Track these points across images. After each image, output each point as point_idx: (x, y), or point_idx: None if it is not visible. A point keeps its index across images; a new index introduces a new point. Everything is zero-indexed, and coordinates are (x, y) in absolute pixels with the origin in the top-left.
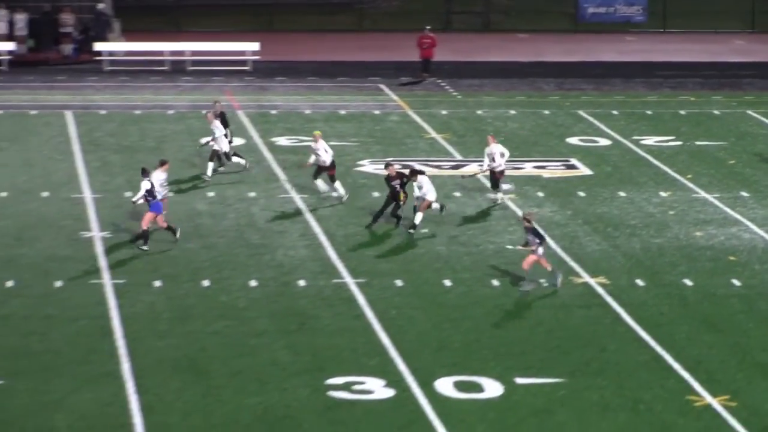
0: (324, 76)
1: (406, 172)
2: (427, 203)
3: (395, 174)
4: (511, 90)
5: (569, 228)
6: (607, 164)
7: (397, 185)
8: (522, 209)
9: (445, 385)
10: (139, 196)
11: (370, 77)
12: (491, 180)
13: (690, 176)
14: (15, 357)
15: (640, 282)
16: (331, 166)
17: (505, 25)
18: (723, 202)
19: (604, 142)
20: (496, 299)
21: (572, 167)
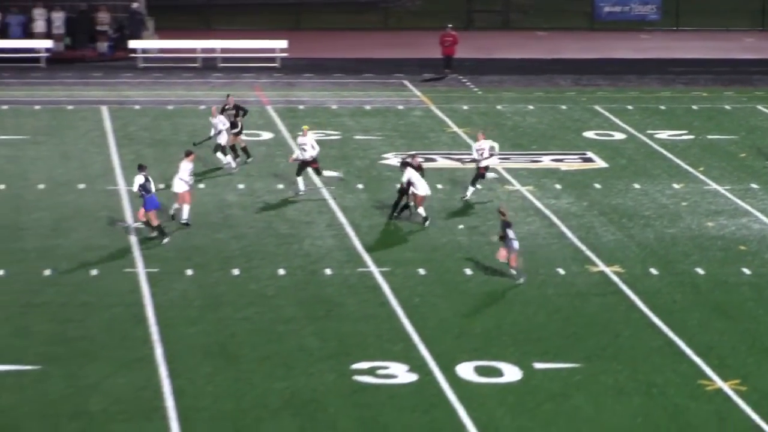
0: (350, 73)
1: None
2: (421, 198)
3: (417, 165)
4: (529, 86)
5: (585, 219)
6: (622, 157)
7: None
8: (540, 201)
9: (466, 370)
10: (135, 189)
11: (394, 73)
12: (476, 175)
13: (702, 169)
14: (52, 343)
15: (653, 271)
16: (314, 161)
17: (524, 24)
18: (734, 193)
19: (619, 136)
20: (514, 287)
21: (588, 160)
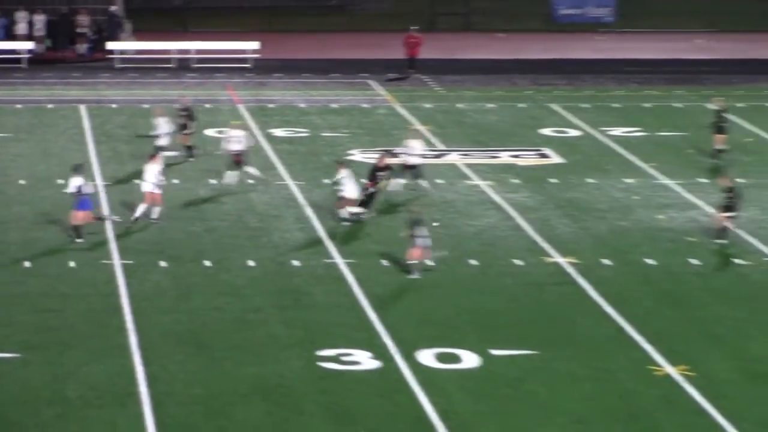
0: (318, 73)
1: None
2: (347, 200)
3: (383, 165)
4: (489, 85)
5: (542, 212)
6: (578, 153)
7: (382, 176)
8: (499, 195)
9: (426, 357)
10: (71, 190)
11: (360, 73)
12: (404, 170)
13: (653, 164)
14: (32, 332)
15: (606, 261)
16: (239, 154)
17: (485, 26)
18: (683, 187)
19: (574, 133)
20: (474, 277)
21: (545, 156)
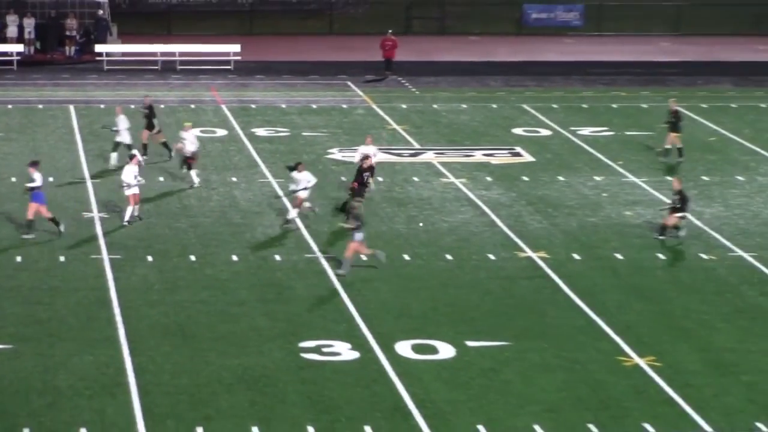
0: (298, 74)
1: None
2: (300, 200)
3: (367, 167)
4: (463, 86)
5: (514, 209)
6: (548, 152)
7: (367, 176)
8: (473, 192)
9: (404, 348)
10: (31, 185)
11: (338, 75)
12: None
13: (621, 162)
14: (23, 324)
15: (576, 256)
16: (192, 156)
17: (459, 29)
18: (649, 185)
19: (545, 132)
20: (449, 271)
21: (517, 155)
